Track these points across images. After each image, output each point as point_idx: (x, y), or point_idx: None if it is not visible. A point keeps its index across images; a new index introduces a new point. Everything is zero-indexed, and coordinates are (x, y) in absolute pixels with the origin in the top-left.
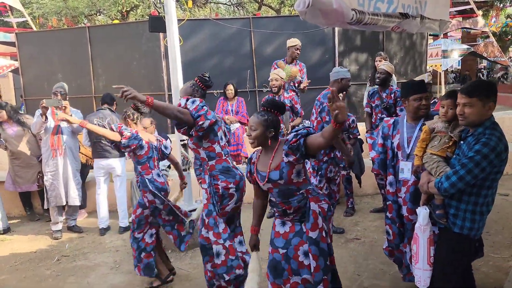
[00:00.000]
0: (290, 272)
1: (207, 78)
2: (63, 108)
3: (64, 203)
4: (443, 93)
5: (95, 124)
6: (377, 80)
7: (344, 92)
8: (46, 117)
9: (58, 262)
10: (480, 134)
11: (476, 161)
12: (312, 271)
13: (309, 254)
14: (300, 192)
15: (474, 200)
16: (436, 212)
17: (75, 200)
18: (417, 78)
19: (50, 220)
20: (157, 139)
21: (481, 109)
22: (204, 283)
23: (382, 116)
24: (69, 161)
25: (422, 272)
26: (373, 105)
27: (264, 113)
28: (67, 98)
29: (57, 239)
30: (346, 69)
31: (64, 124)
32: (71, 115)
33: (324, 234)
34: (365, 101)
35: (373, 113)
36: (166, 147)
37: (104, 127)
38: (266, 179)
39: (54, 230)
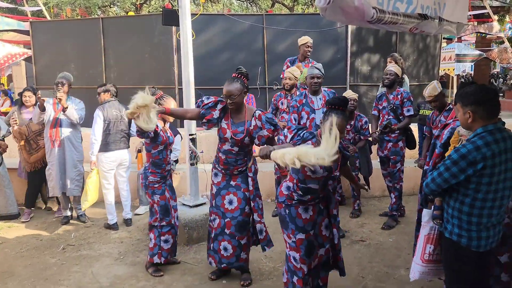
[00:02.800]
0: (318, 247)
1: (246, 72)
2: (58, 99)
3: (59, 194)
4: None
5: (115, 115)
6: (386, 82)
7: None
8: (44, 108)
9: (63, 251)
10: (467, 140)
11: (446, 166)
12: (336, 242)
13: (333, 228)
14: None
15: (458, 207)
16: (433, 212)
17: (73, 191)
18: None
19: (51, 209)
20: None
21: (461, 115)
22: (206, 277)
23: (389, 117)
24: (67, 152)
25: (414, 265)
26: (380, 107)
27: (338, 112)
28: (69, 88)
29: (64, 224)
30: (313, 67)
31: (63, 116)
32: (67, 107)
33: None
34: None
35: (380, 115)
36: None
37: (123, 119)
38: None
39: (63, 215)
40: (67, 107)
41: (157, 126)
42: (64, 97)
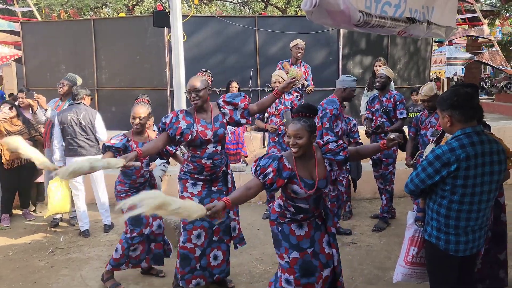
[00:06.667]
0: (321, 267)
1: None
2: (36, 100)
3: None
4: None
5: (69, 119)
6: (377, 84)
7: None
8: (32, 109)
9: (52, 254)
10: (445, 142)
11: (423, 166)
12: (335, 264)
13: (333, 248)
14: (323, 196)
15: (436, 209)
16: (416, 214)
17: None
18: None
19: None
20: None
21: (441, 119)
22: None
23: (382, 120)
24: None
25: (398, 266)
26: (373, 110)
27: (306, 119)
28: (70, 90)
29: (53, 227)
30: (352, 79)
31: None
32: (46, 109)
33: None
34: (362, 106)
35: (374, 117)
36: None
37: (80, 123)
38: (316, 188)
39: (53, 218)
40: (47, 109)
41: (127, 140)
42: (41, 98)
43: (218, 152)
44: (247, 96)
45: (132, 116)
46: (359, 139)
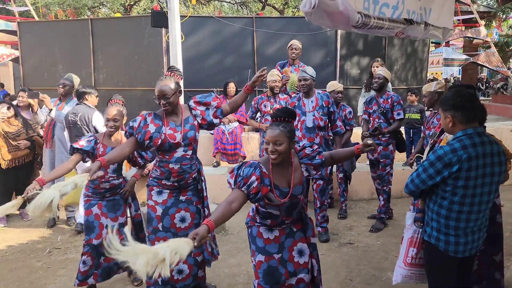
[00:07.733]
0: (287, 275)
1: (180, 70)
2: (41, 100)
3: None
4: None
5: (69, 120)
6: (375, 85)
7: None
8: (32, 110)
9: (49, 254)
10: (447, 143)
11: (424, 167)
12: (315, 274)
13: (312, 259)
14: (300, 203)
15: (436, 210)
16: (415, 215)
17: None
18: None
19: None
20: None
21: (443, 119)
22: None
23: (379, 121)
24: (57, 154)
25: (397, 268)
26: (371, 111)
27: (285, 124)
28: (69, 90)
29: (50, 227)
30: (301, 70)
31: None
32: (51, 109)
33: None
34: (360, 107)
35: (371, 118)
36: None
37: (76, 123)
38: (290, 195)
39: (50, 218)
40: (51, 109)
41: (95, 141)
42: (46, 98)
43: (188, 156)
44: (218, 96)
45: (105, 118)
46: (354, 126)
